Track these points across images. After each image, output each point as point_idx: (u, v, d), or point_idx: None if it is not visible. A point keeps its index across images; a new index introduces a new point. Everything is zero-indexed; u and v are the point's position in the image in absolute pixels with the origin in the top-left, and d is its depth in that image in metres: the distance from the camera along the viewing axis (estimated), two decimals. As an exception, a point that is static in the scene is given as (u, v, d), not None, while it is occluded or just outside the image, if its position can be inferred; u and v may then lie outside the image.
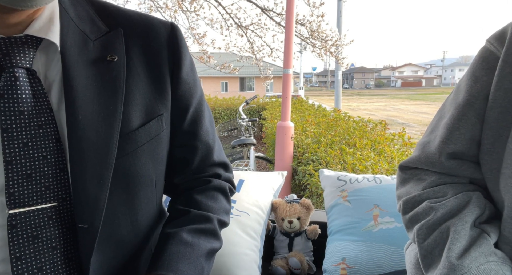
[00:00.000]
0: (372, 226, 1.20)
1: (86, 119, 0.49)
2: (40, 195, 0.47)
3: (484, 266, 0.49)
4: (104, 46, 0.53)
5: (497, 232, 0.54)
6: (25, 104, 0.46)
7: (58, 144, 0.49)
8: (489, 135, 0.54)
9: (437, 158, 0.59)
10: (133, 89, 0.54)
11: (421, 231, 0.57)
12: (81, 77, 0.50)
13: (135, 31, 0.57)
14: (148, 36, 0.57)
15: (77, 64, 0.50)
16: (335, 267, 1.13)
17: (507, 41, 0.52)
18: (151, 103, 0.56)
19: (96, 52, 0.53)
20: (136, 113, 0.54)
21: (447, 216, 0.56)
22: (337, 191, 1.30)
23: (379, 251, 1.14)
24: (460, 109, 0.57)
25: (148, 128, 0.55)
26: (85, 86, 0.50)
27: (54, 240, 0.48)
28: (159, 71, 0.57)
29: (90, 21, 0.55)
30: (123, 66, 0.53)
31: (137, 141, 0.54)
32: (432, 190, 0.60)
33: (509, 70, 0.51)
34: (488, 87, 0.54)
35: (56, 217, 0.49)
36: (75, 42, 0.51)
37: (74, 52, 0.51)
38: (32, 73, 0.48)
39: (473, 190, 0.59)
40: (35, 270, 0.47)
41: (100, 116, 0.50)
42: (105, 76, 0.52)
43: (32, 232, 0.47)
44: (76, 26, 0.53)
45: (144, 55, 0.56)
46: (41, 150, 0.47)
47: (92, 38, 0.53)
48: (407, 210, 0.61)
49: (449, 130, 0.58)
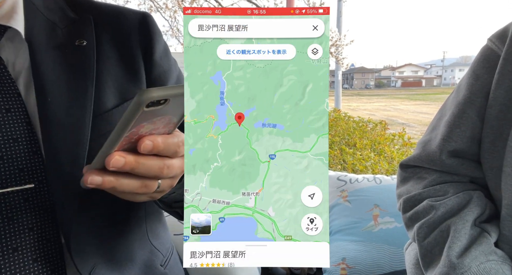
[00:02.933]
0: (372, 226, 1.19)
1: (56, 100, 0.50)
2: (14, 177, 0.48)
3: (484, 265, 0.49)
4: (72, 32, 0.55)
5: (497, 231, 0.54)
6: None
7: (29, 127, 0.49)
8: (489, 133, 0.54)
9: (437, 156, 0.59)
10: (103, 72, 0.55)
11: (421, 230, 0.57)
12: (49, 61, 0.51)
13: (105, 19, 0.59)
14: (118, 23, 0.59)
15: (45, 50, 0.52)
16: (335, 267, 1.13)
17: (508, 39, 0.52)
18: (124, 86, 0.57)
19: (65, 38, 0.54)
20: (109, 95, 0.55)
21: (448, 215, 0.56)
22: (337, 191, 1.30)
23: (379, 251, 1.14)
24: (460, 107, 0.57)
25: (122, 109, 0.56)
26: (53, 69, 0.51)
27: (31, 221, 0.49)
28: (130, 54, 0.58)
29: (59, 10, 0.57)
30: (92, 50, 0.54)
31: (112, 121, 0.54)
32: (433, 188, 0.59)
33: (510, 68, 0.51)
34: (489, 85, 0.54)
35: (32, 199, 0.49)
36: (42, 30, 0.53)
37: (41, 38, 0.52)
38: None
39: (474, 189, 0.58)
40: (10, 250, 0.47)
41: (70, 98, 0.51)
42: (74, 60, 0.53)
43: (7, 214, 0.47)
44: (44, 16, 0.54)
45: (115, 40, 0.58)
46: (11, 133, 0.48)
47: (60, 27, 0.55)
48: (408, 208, 0.61)
49: (450, 128, 0.58)
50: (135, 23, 0.60)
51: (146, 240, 0.62)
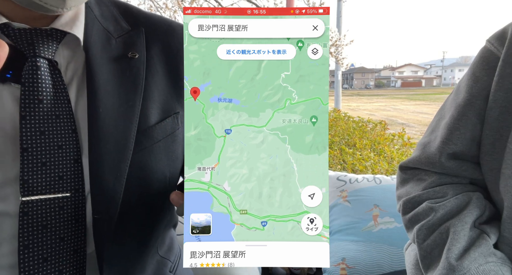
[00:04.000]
0: (372, 226, 1.20)
1: (106, 112, 0.50)
2: (53, 185, 0.48)
3: (483, 266, 0.49)
4: (125, 43, 0.55)
5: (497, 233, 0.54)
6: (45, 93, 0.48)
7: (74, 135, 0.49)
8: (489, 135, 0.54)
9: (437, 158, 0.59)
10: (151, 86, 0.55)
11: (421, 231, 0.57)
12: (103, 72, 0.51)
13: (155, 31, 0.59)
14: (168, 37, 0.59)
15: (100, 59, 0.52)
16: (335, 267, 1.13)
17: (508, 41, 0.52)
18: (168, 101, 0.57)
19: (118, 49, 0.54)
20: (153, 110, 0.55)
21: (447, 217, 0.56)
22: (337, 191, 1.30)
23: (379, 251, 1.14)
24: (460, 109, 0.57)
25: (164, 125, 0.56)
26: (107, 80, 0.51)
27: (63, 230, 0.49)
28: (177, 70, 0.58)
29: (114, 20, 0.57)
30: (143, 63, 0.55)
31: (154, 137, 0.55)
32: (432, 190, 0.59)
33: (509, 70, 0.51)
34: (488, 87, 0.54)
35: (67, 208, 0.49)
36: (98, 38, 0.53)
37: (97, 48, 0.52)
38: (53, 65, 0.49)
39: (473, 190, 0.58)
40: (40, 260, 0.47)
41: (119, 110, 0.51)
42: (126, 72, 0.53)
43: (42, 221, 0.47)
44: (100, 24, 0.55)
45: (164, 54, 0.58)
46: (57, 139, 0.48)
47: (114, 36, 0.55)
48: (407, 210, 0.61)
49: (450, 130, 0.58)
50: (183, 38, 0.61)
51: (156, 252, 0.63)
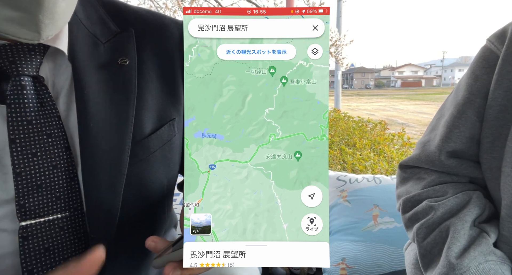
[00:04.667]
0: (372, 226, 1.20)
1: (98, 126, 0.48)
2: (51, 206, 0.46)
3: (483, 265, 0.49)
4: (115, 48, 0.52)
5: (496, 232, 0.54)
6: (33, 113, 0.45)
7: (68, 153, 0.47)
8: (488, 134, 0.54)
9: (437, 156, 0.59)
10: (145, 94, 0.52)
11: (420, 230, 0.57)
12: (92, 82, 0.49)
13: (147, 32, 0.55)
14: (161, 37, 0.56)
15: (88, 69, 0.49)
16: (334, 267, 1.13)
17: (508, 40, 0.52)
18: (163, 108, 0.54)
19: (107, 56, 0.51)
20: (148, 119, 0.53)
21: (447, 216, 0.56)
22: (337, 191, 1.30)
23: (378, 251, 1.14)
24: (460, 107, 0.57)
25: (160, 134, 0.54)
26: (96, 92, 0.49)
27: (66, 251, 0.47)
28: (171, 74, 0.55)
29: (101, 22, 0.53)
30: (134, 70, 0.52)
31: (150, 147, 0.52)
32: (432, 189, 0.59)
33: (509, 68, 0.51)
34: (488, 85, 0.54)
35: (68, 228, 0.47)
36: (85, 46, 0.50)
37: (83, 57, 0.49)
38: (39, 81, 0.46)
39: (473, 189, 0.58)
40: None
41: (112, 123, 0.49)
42: (117, 81, 0.50)
43: (44, 244, 0.46)
44: (86, 28, 0.51)
45: (157, 57, 0.55)
46: (50, 160, 0.46)
47: (102, 41, 0.52)
48: (407, 209, 0.61)
49: (449, 128, 0.58)
50: (177, 36, 0.57)
51: None
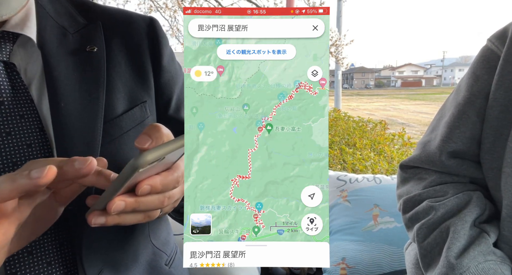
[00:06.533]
0: (372, 226, 1.20)
1: (69, 106, 0.50)
2: None
3: (482, 265, 0.49)
4: (83, 37, 0.55)
5: (496, 232, 0.54)
6: (4, 95, 0.48)
7: (42, 133, 0.50)
8: (489, 134, 0.54)
9: (437, 157, 0.59)
10: (114, 77, 0.56)
11: (421, 230, 0.57)
12: (62, 67, 0.52)
13: (114, 24, 0.59)
14: (128, 28, 0.59)
15: (57, 55, 0.52)
16: (335, 267, 1.13)
17: (508, 40, 0.52)
18: (134, 91, 0.58)
19: (75, 44, 0.54)
20: (119, 100, 0.56)
21: (447, 216, 0.56)
22: (337, 191, 1.30)
23: (379, 251, 1.14)
24: (460, 107, 0.57)
25: (132, 114, 0.57)
26: (66, 76, 0.52)
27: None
28: (140, 60, 0.59)
29: (69, 16, 0.57)
30: (103, 56, 0.55)
31: (122, 126, 0.55)
32: (433, 189, 0.59)
33: (510, 69, 0.51)
34: (488, 86, 0.54)
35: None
36: (53, 35, 0.53)
37: (53, 44, 0.52)
38: (10, 67, 0.49)
39: (474, 189, 0.58)
40: (25, 253, 0.47)
41: (82, 103, 0.52)
42: (86, 66, 0.54)
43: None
44: (54, 21, 0.55)
45: (125, 46, 0.58)
46: (25, 139, 0.48)
47: (71, 32, 0.55)
48: (407, 209, 0.61)
49: (450, 128, 0.58)
50: (144, 28, 0.61)
51: (149, 242, 0.62)
